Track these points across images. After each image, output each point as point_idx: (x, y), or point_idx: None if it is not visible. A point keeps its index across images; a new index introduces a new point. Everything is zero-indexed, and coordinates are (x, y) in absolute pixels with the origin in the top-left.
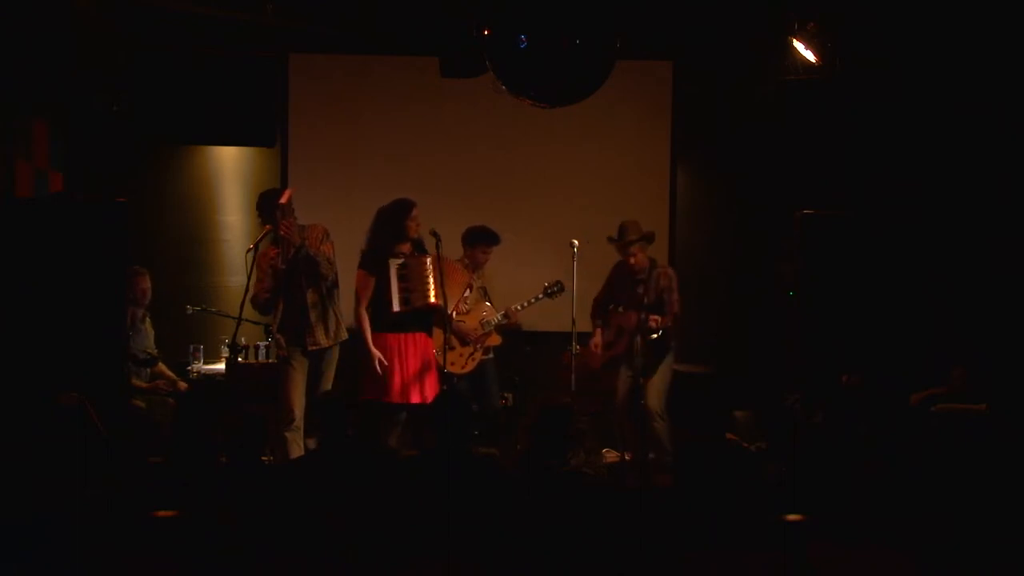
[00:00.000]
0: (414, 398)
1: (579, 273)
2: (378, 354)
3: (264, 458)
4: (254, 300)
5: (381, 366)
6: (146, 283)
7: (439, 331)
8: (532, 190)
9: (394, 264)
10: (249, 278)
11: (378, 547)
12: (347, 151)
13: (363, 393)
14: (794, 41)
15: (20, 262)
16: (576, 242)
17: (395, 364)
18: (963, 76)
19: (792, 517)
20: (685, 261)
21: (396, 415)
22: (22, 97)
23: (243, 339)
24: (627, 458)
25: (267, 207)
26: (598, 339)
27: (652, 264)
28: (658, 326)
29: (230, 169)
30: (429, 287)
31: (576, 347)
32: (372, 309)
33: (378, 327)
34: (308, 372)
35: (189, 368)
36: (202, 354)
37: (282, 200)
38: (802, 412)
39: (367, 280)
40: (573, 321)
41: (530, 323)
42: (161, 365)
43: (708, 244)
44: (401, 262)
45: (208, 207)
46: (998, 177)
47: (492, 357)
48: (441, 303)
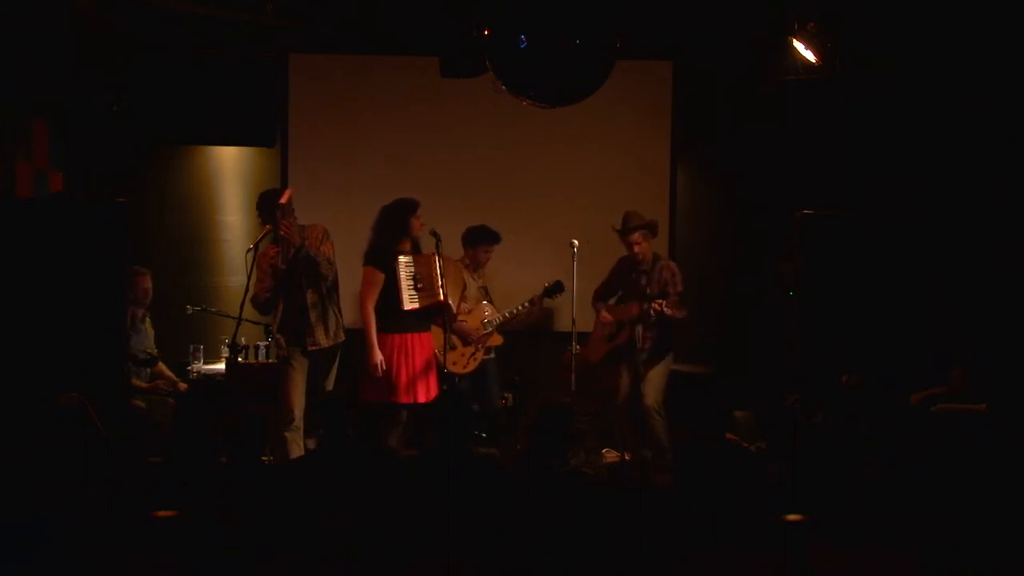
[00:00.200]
0: (420, 398)
1: (579, 273)
2: (380, 357)
3: (264, 458)
4: (254, 300)
5: (383, 368)
6: (148, 283)
7: (439, 331)
8: (532, 190)
9: (403, 261)
10: (249, 278)
11: (378, 547)
12: (347, 151)
13: (363, 394)
14: (794, 41)
15: (20, 262)
16: (576, 242)
17: (401, 364)
18: (963, 76)
19: (792, 517)
20: (685, 261)
21: (396, 415)
22: (22, 97)
23: (243, 339)
24: (627, 458)
25: (267, 207)
26: (607, 315)
27: (656, 257)
28: (661, 308)
29: (230, 169)
30: (438, 284)
31: (576, 347)
32: (378, 308)
33: (384, 327)
34: (308, 372)
35: (189, 368)
36: (202, 354)
37: (282, 200)
38: (802, 412)
39: (376, 276)
40: (573, 321)
41: (530, 323)
42: (161, 365)
43: (708, 244)
44: (409, 259)
45: (208, 207)
46: (998, 177)
47: (493, 357)
48: (448, 301)
